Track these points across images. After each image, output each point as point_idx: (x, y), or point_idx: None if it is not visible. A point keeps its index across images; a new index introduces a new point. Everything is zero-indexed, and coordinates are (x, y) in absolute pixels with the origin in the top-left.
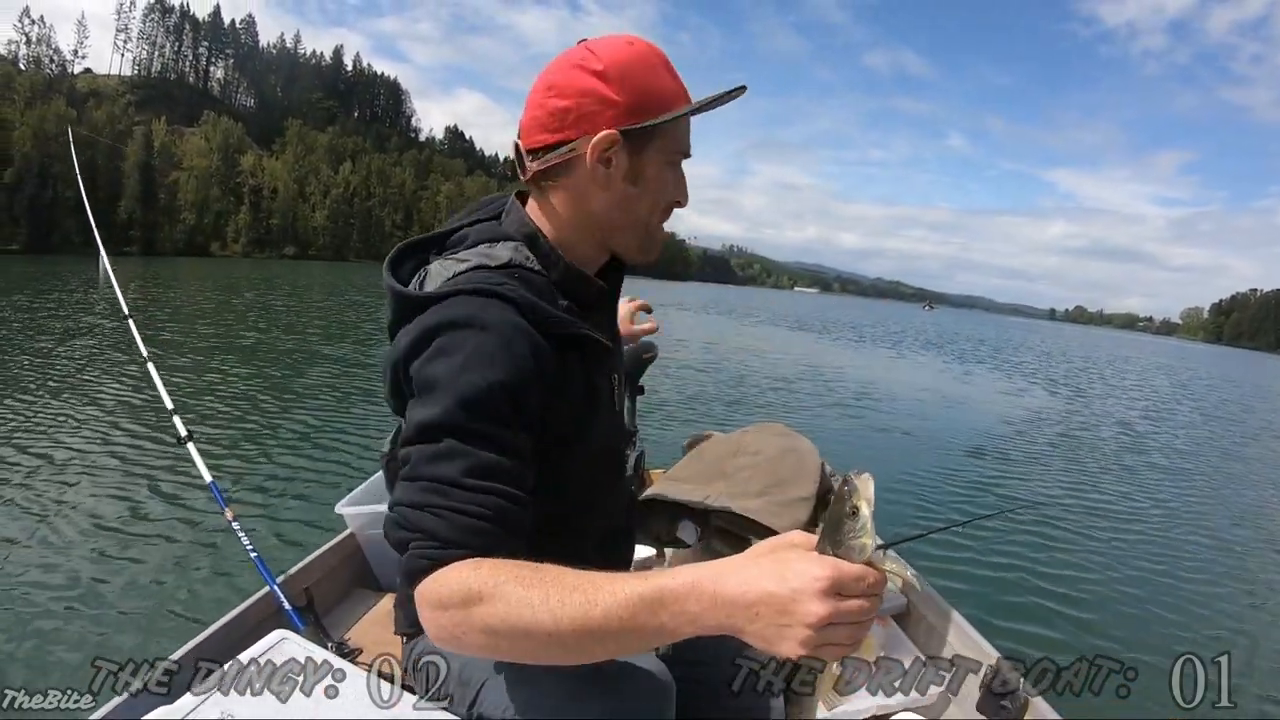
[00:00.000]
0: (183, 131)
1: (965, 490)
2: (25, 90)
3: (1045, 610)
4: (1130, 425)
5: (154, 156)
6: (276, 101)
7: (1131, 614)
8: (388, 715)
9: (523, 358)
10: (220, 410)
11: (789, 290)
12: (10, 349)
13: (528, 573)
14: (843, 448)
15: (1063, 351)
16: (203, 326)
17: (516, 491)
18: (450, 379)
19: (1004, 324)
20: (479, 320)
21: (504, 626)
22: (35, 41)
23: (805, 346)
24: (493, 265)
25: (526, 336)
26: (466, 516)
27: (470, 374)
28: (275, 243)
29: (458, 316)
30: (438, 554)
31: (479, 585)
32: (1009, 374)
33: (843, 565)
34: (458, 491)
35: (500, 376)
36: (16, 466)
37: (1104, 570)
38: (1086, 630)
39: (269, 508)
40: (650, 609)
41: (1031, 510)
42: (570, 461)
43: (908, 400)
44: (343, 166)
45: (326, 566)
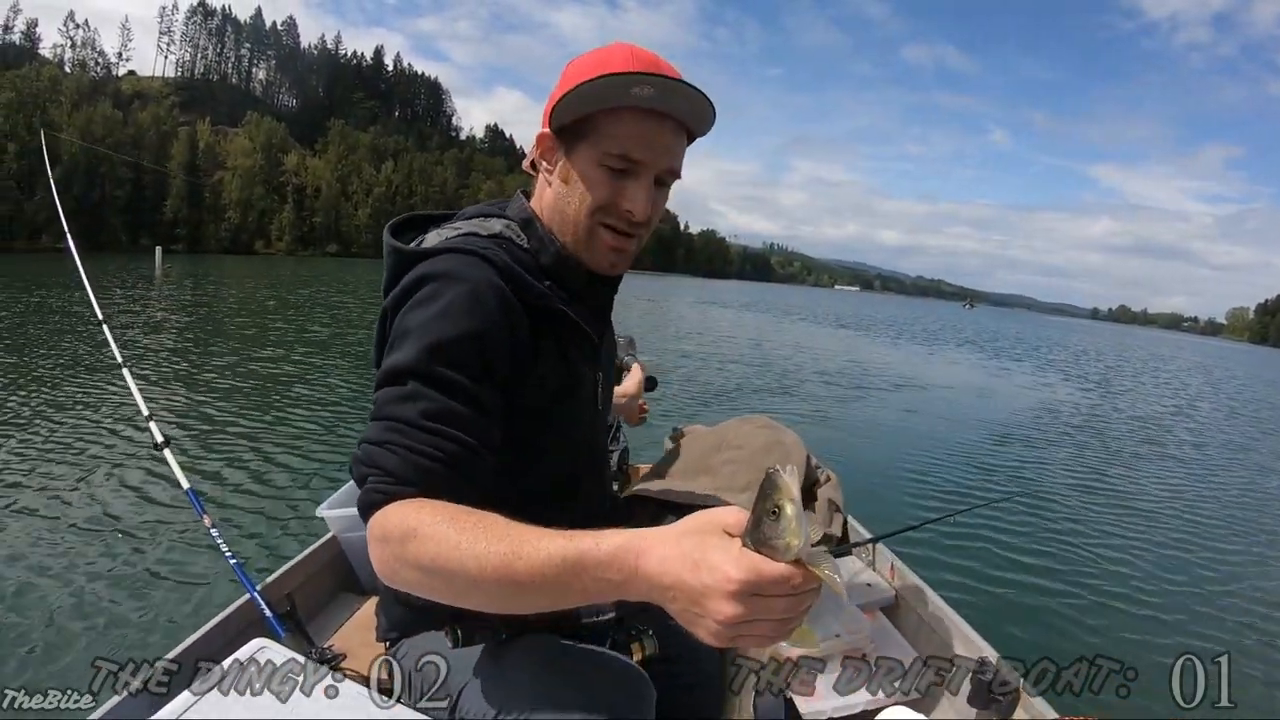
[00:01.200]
0: (226, 132)
1: (966, 483)
2: (71, 93)
3: (1045, 609)
4: (1145, 422)
5: (199, 156)
6: (318, 101)
7: (1131, 614)
8: (368, 718)
9: (494, 314)
10: (198, 414)
11: (829, 288)
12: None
13: (464, 517)
14: (854, 439)
15: (1098, 350)
16: (183, 330)
17: (470, 440)
18: (423, 327)
19: (1044, 323)
20: (458, 274)
21: (433, 565)
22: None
23: (840, 343)
24: (483, 234)
25: (501, 296)
26: (420, 456)
27: (441, 322)
28: (319, 240)
29: (439, 270)
30: (390, 488)
31: (415, 523)
32: (1036, 370)
33: (762, 566)
34: (414, 432)
35: (469, 327)
36: (39, 477)
37: (1104, 569)
38: (1086, 629)
39: (249, 512)
40: (572, 570)
41: (1031, 506)
42: (547, 444)
43: (930, 394)
44: (385, 165)
45: (308, 571)
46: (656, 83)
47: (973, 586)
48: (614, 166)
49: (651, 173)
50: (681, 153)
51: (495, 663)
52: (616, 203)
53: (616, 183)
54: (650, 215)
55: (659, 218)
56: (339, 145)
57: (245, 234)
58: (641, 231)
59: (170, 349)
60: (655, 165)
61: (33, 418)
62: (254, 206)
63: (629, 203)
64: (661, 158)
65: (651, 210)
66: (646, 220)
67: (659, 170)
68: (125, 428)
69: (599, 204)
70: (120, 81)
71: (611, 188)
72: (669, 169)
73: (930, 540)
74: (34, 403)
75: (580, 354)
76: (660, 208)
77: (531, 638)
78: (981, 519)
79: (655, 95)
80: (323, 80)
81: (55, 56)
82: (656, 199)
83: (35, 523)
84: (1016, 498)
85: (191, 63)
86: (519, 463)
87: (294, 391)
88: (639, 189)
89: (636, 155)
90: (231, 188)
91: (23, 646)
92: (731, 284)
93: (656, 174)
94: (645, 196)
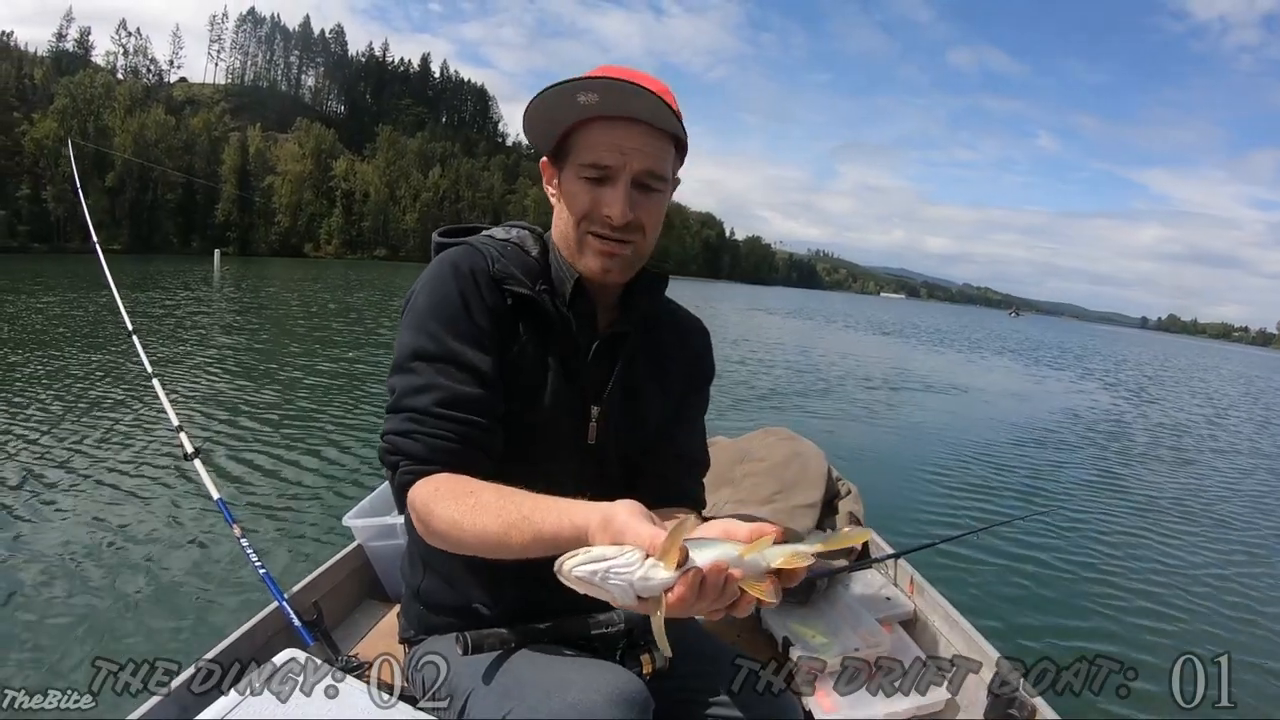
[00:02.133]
0: (276, 137)
1: (986, 495)
2: (125, 99)
3: (1044, 609)
4: (1167, 429)
5: (249, 161)
6: (366, 108)
7: (1131, 614)
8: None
9: (471, 281)
10: (228, 424)
11: (874, 295)
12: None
13: (469, 490)
14: (878, 450)
15: (1138, 359)
16: (236, 331)
17: (479, 419)
18: (416, 307)
19: (1090, 332)
20: (450, 259)
21: (450, 529)
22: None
23: (878, 350)
24: (498, 238)
25: (483, 274)
26: (438, 439)
27: (431, 295)
28: (367, 244)
29: (441, 259)
30: (417, 469)
31: (430, 498)
32: (1073, 379)
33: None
34: (430, 420)
35: (451, 289)
36: (28, 478)
37: (1104, 569)
38: (1086, 629)
39: (276, 521)
40: (556, 546)
41: (1052, 521)
42: (523, 435)
43: (961, 404)
44: (432, 171)
45: (334, 579)
46: (599, 86)
47: (989, 599)
48: (590, 176)
49: (625, 176)
50: (661, 154)
51: (501, 671)
52: (596, 209)
53: (595, 191)
54: (637, 219)
55: (656, 225)
56: (387, 151)
57: (294, 237)
58: (632, 238)
59: (217, 351)
60: (627, 169)
61: (63, 422)
62: (303, 211)
63: (606, 207)
64: (633, 160)
65: (637, 214)
66: (630, 225)
67: (635, 173)
68: (155, 439)
69: (582, 213)
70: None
71: (591, 196)
72: (646, 170)
73: (949, 553)
74: (68, 409)
75: (553, 345)
76: (652, 213)
77: (539, 649)
78: (1000, 533)
79: (603, 100)
80: (370, 86)
81: (108, 64)
82: (641, 203)
83: (69, 529)
84: (1036, 515)
85: (241, 70)
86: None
87: (324, 399)
88: (615, 194)
89: (606, 161)
90: (282, 192)
91: (55, 654)
92: (776, 290)
93: (634, 178)
94: (621, 200)
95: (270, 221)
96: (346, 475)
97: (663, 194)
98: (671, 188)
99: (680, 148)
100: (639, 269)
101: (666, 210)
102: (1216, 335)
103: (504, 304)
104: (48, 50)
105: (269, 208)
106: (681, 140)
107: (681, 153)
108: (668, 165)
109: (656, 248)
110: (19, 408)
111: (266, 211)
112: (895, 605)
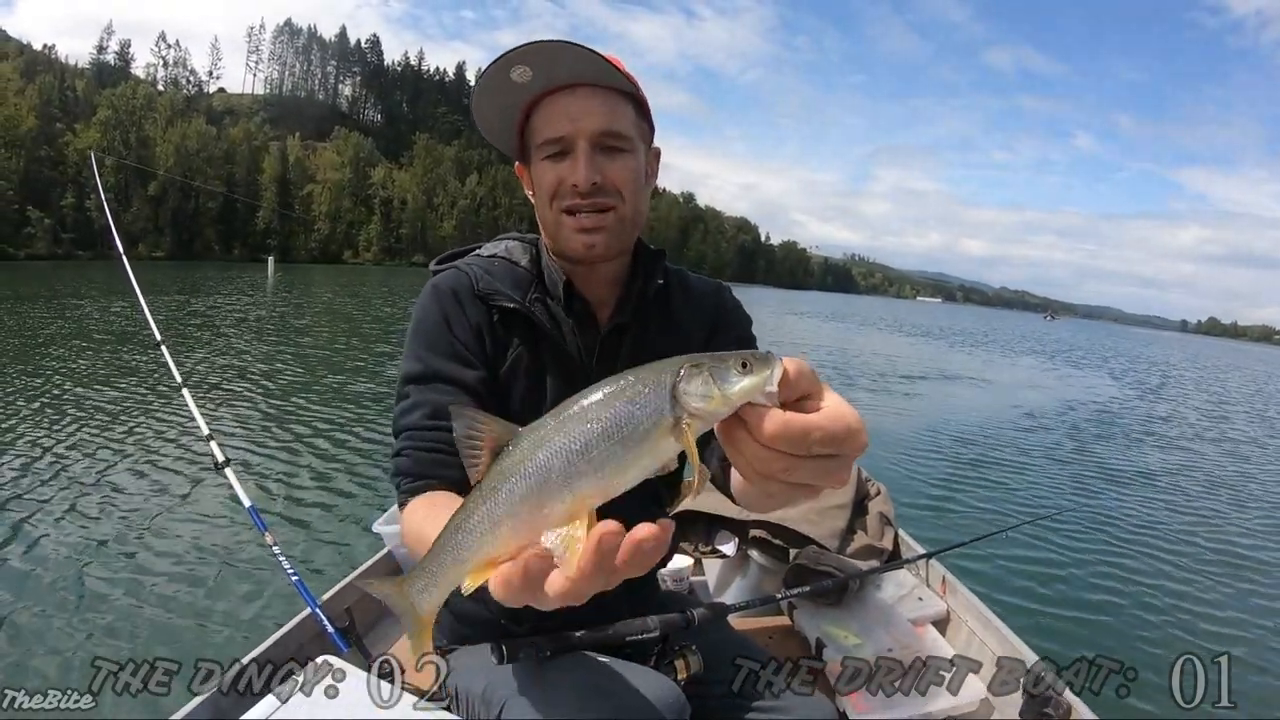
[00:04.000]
0: (315, 146)
1: (1012, 495)
2: (166, 109)
3: (1044, 608)
4: (1167, 426)
5: (289, 170)
6: (403, 116)
7: (1131, 614)
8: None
9: (453, 300)
10: (256, 432)
11: (911, 300)
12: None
13: (430, 505)
14: (906, 448)
15: (1166, 360)
16: (238, 347)
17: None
18: (408, 333)
19: (1126, 335)
20: (433, 283)
21: (412, 545)
22: (172, 64)
23: (906, 351)
24: (484, 255)
25: (465, 292)
26: (427, 453)
27: (415, 320)
28: (405, 251)
29: (427, 285)
30: (410, 486)
31: (408, 513)
32: (1087, 378)
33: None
34: (421, 434)
35: (432, 311)
36: (60, 488)
37: (1103, 569)
38: (1086, 629)
39: (308, 528)
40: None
41: (1080, 518)
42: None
43: (986, 402)
44: (469, 178)
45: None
46: (526, 53)
47: (1023, 599)
48: (549, 154)
49: (580, 140)
50: (613, 112)
51: (536, 680)
52: (563, 183)
53: (558, 165)
54: (608, 181)
55: (633, 188)
56: (424, 159)
57: (334, 244)
58: (609, 202)
59: (266, 358)
60: (581, 132)
61: (92, 430)
62: (342, 218)
63: (571, 176)
64: (584, 122)
65: (605, 176)
66: (600, 188)
67: (589, 135)
68: (185, 448)
69: (551, 192)
70: (211, 98)
71: (555, 172)
72: (601, 131)
73: (981, 554)
74: (96, 418)
75: (564, 377)
76: (623, 175)
77: (574, 657)
78: (1028, 533)
79: (536, 71)
80: (407, 95)
81: (149, 75)
82: (606, 166)
83: (101, 538)
84: (1066, 511)
85: (279, 80)
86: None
87: (358, 406)
88: (575, 159)
89: (559, 131)
90: (321, 200)
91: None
92: (811, 295)
93: (591, 140)
94: (582, 164)
95: (310, 229)
96: (376, 483)
97: (630, 154)
98: (645, 150)
99: (641, 107)
100: (630, 245)
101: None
102: (1257, 338)
103: (490, 319)
104: (89, 62)
105: (308, 215)
106: (639, 98)
107: (644, 112)
108: (626, 123)
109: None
110: (54, 417)
111: (306, 219)
112: (927, 605)
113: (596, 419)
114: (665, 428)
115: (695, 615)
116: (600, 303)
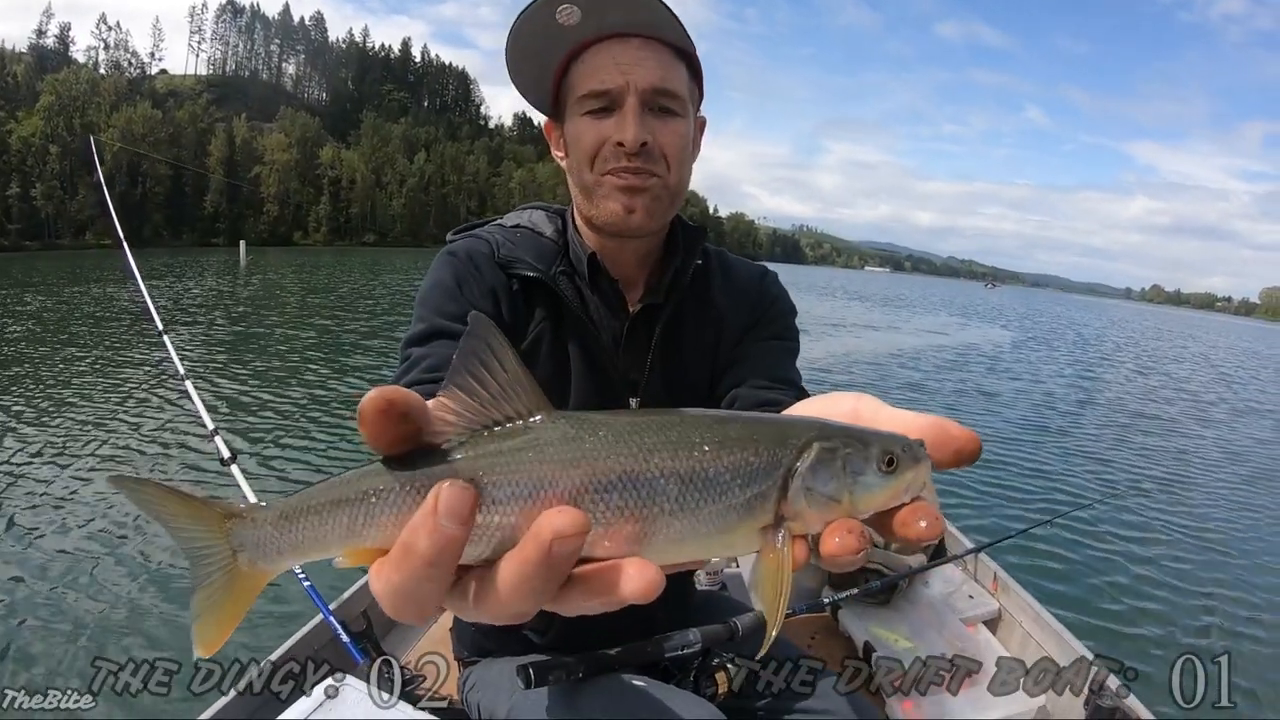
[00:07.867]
0: (261, 127)
1: (1044, 482)
2: (110, 94)
3: (1141, 612)
4: (1142, 412)
5: (236, 152)
6: (349, 95)
7: (1131, 614)
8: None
9: (469, 263)
10: (263, 427)
11: (858, 270)
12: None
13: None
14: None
15: (1097, 324)
16: (239, 335)
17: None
18: (416, 300)
19: (1064, 301)
20: (448, 249)
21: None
22: (113, 46)
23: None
24: (508, 225)
25: (483, 258)
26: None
27: (426, 284)
28: (355, 231)
29: (441, 251)
30: None
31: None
32: (967, 330)
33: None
34: (419, 390)
35: (445, 274)
36: (61, 482)
37: (1103, 569)
38: (1086, 629)
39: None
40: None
41: (1126, 506)
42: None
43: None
44: (417, 156)
45: None
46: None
47: (1071, 593)
48: (592, 109)
49: (631, 96)
50: (669, 68)
51: (564, 707)
52: (605, 143)
53: (601, 123)
54: (655, 145)
55: (681, 157)
56: (372, 137)
57: (283, 226)
58: (655, 168)
59: (253, 348)
60: (631, 87)
61: (95, 427)
62: (291, 199)
63: (617, 134)
64: (637, 76)
65: (655, 138)
66: (648, 151)
67: (640, 91)
68: (191, 442)
69: (591, 151)
70: (154, 80)
71: (597, 130)
72: (654, 87)
73: (1033, 549)
74: (96, 408)
75: (588, 361)
76: (672, 140)
77: (607, 680)
78: (1067, 524)
79: (588, 12)
80: (352, 73)
81: (89, 59)
82: (657, 127)
83: (101, 538)
84: (1107, 499)
85: (223, 60)
86: None
87: (358, 379)
88: (623, 116)
89: (607, 84)
90: (269, 182)
91: (109, 661)
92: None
93: (642, 98)
94: (632, 121)
95: (259, 211)
96: None
97: (683, 119)
98: (694, 118)
99: (693, 68)
100: (667, 222)
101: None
102: (1200, 306)
103: (509, 289)
104: (27, 47)
105: (257, 197)
106: (692, 57)
107: (697, 76)
108: (680, 83)
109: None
110: (55, 417)
111: (255, 201)
112: (978, 604)
113: (666, 465)
114: (757, 523)
115: (739, 626)
116: (629, 282)
